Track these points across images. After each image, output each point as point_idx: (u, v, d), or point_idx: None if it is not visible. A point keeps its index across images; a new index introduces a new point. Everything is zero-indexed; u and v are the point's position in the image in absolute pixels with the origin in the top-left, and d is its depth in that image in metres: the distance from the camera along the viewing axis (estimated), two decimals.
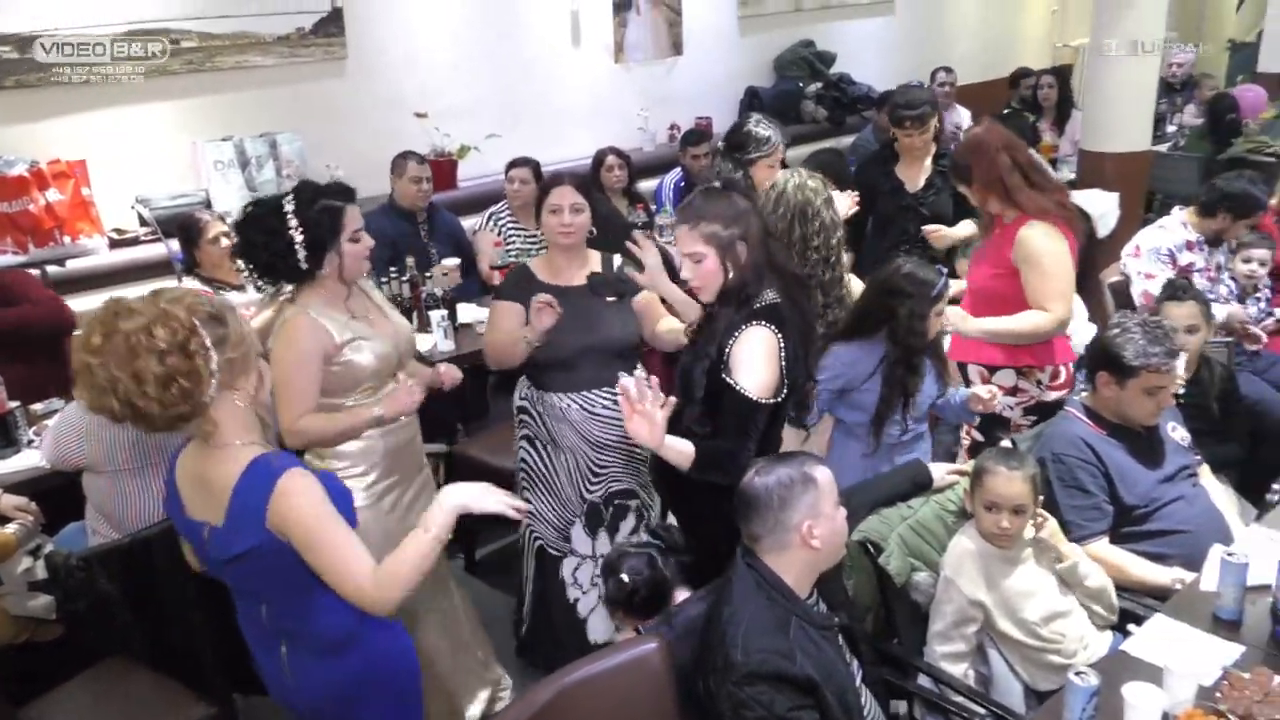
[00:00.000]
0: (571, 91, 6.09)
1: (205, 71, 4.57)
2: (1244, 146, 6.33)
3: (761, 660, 1.97)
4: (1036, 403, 3.29)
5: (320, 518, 1.80)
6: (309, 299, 2.56)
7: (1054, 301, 3.15)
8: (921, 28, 8.28)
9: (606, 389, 3.00)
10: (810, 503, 2.05)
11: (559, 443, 3.07)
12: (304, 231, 2.47)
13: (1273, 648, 2.16)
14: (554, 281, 3.03)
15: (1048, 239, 3.13)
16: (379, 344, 2.60)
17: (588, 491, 3.11)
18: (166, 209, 4.39)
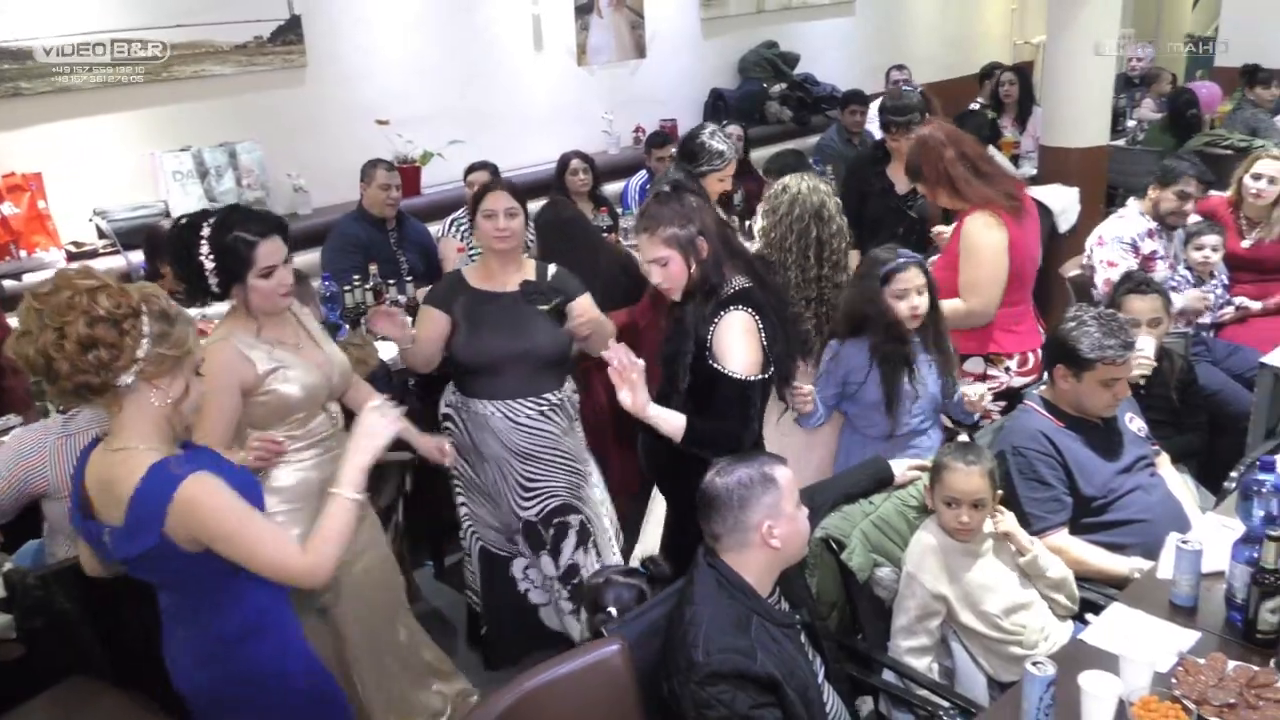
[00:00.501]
0: (535, 95, 6.09)
1: (162, 81, 4.53)
2: (1202, 140, 6.42)
3: (723, 660, 1.98)
4: (1006, 388, 3.33)
5: (232, 514, 1.83)
6: (234, 325, 2.49)
7: (972, 293, 3.22)
8: (882, 27, 8.33)
9: (532, 398, 3.01)
10: (770, 503, 2.06)
11: (482, 452, 3.06)
12: (214, 259, 2.41)
13: (1227, 633, 2.18)
14: (486, 287, 3.03)
15: (986, 230, 3.21)
16: (305, 374, 2.52)
17: (521, 509, 3.09)
18: (125, 221, 4.34)
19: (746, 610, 2.07)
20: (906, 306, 2.86)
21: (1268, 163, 4.27)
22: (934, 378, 2.96)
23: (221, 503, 1.83)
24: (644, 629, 2.15)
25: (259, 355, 2.46)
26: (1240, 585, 2.15)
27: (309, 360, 2.57)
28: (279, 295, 2.48)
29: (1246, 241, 4.33)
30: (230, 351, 2.44)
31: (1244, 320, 4.24)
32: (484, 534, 3.18)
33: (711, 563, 2.12)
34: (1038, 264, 3.48)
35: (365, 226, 4.53)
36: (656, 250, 2.50)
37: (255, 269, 2.43)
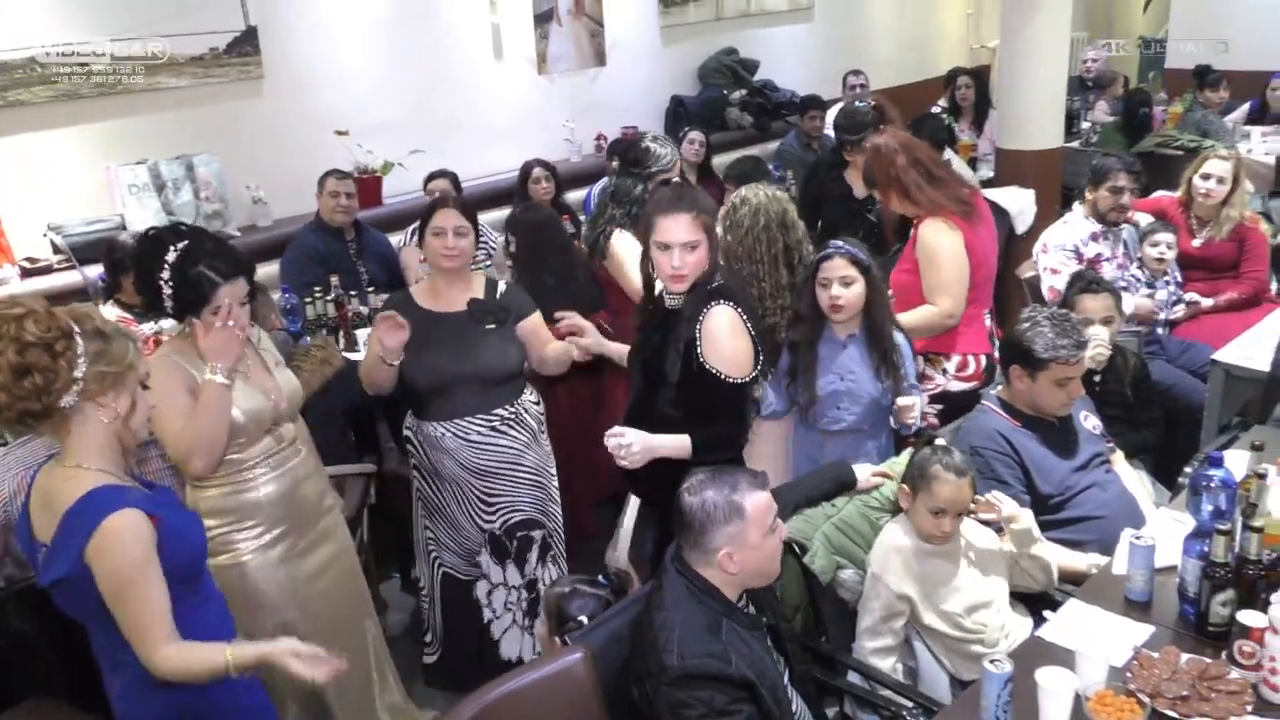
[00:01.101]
0: (495, 104, 6.08)
1: (117, 94, 4.48)
2: (1153, 141, 6.53)
3: (698, 664, 1.99)
4: (942, 391, 3.35)
5: (131, 571, 1.80)
6: (180, 345, 2.47)
7: (940, 295, 3.27)
8: (840, 33, 8.40)
9: (482, 416, 3.00)
10: (733, 532, 2.06)
11: (440, 473, 3.05)
12: (172, 286, 2.39)
13: (1181, 626, 2.23)
14: (434, 307, 3.00)
15: (940, 234, 3.26)
16: (249, 399, 2.49)
17: (483, 522, 3.08)
18: (80, 236, 4.28)
19: (717, 615, 2.08)
20: (827, 295, 2.89)
21: (1216, 163, 4.35)
22: (870, 377, 2.94)
23: (130, 552, 1.80)
24: (607, 637, 2.16)
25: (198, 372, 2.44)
26: (1192, 579, 2.19)
27: (254, 385, 2.54)
28: (229, 337, 2.44)
29: (1197, 240, 4.41)
30: (168, 361, 2.43)
31: (1196, 317, 4.31)
32: (446, 558, 3.15)
33: (681, 570, 2.13)
34: (993, 269, 3.51)
35: (323, 237, 4.51)
36: (694, 233, 2.49)
37: (210, 307, 2.42)
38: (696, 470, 2.16)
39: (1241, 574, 2.13)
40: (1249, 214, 4.46)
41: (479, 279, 3.09)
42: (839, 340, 2.96)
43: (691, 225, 2.48)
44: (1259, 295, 4.36)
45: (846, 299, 2.87)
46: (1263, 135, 6.59)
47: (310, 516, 2.67)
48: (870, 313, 2.93)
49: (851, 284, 2.87)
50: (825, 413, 2.96)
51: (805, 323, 2.96)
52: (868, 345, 2.95)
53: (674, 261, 2.50)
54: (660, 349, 2.58)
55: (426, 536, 3.18)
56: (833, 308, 2.88)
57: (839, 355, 2.95)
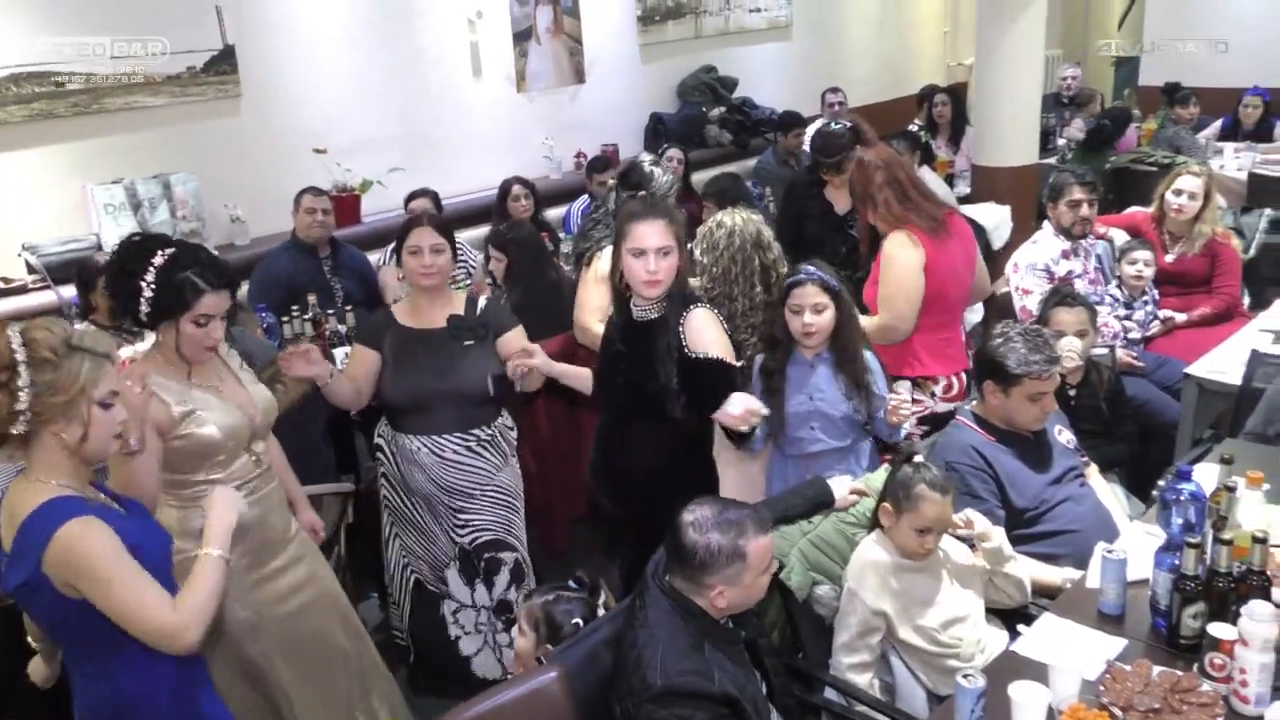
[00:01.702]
0: (475, 122, 6.10)
1: (92, 114, 4.47)
2: (1127, 158, 6.61)
3: (681, 682, 1.99)
4: (930, 413, 3.38)
5: (104, 562, 1.81)
6: (150, 364, 2.44)
7: (883, 307, 3.32)
8: (819, 51, 8.48)
9: (459, 434, 3.00)
10: (731, 574, 2.06)
11: (410, 485, 3.05)
12: (154, 290, 2.36)
13: (1153, 639, 2.23)
14: (414, 324, 3.02)
15: (899, 247, 3.30)
16: (224, 414, 2.47)
17: (456, 535, 3.08)
18: (56, 255, 4.26)
19: (699, 632, 2.08)
20: (799, 322, 2.91)
21: (1188, 179, 4.40)
22: (840, 396, 2.95)
23: (98, 548, 1.81)
24: (583, 655, 2.15)
25: (172, 395, 2.41)
26: (1163, 592, 2.20)
27: (229, 401, 2.51)
28: (204, 347, 2.44)
29: (1170, 256, 4.45)
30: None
31: (1170, 332, 4.35)
32: (416, 566, 3.15)
33: (663, 587, 2.13)
34: (966, 289, 3.51)
35: (295, 256, 4.49)
36: (668, 239, 2.57)
37: (191, 314, 2.39)
38: (701, 501, 2.14)
39: (1212, 587, 2.14)
40: (1221, 229, 4.51)
41: (459, 296, 3.11)
42: (807, 361, 2.99)
43: (665, 231, 2.56)
44: (1231, 310, 4.41)
45: (819, 326, 2.90)
46: (1235, 151, 6.68)
47: (277, 544, 2.64)
48: (840, 336, 2.95)
49: (823, 311, 2.90)
50: (797, 434, 2.97)
51: (778, 347, 2.99)
52: (836, 366, 2.97)
53: (649, 266, 2.56)
54: (644, 362, 2.59)
55: (398, 544, 3.18)
56: (805, 334, 2.91)
57: (809, 376, 2.97)
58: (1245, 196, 6.20)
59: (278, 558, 2.63)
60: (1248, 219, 5.48)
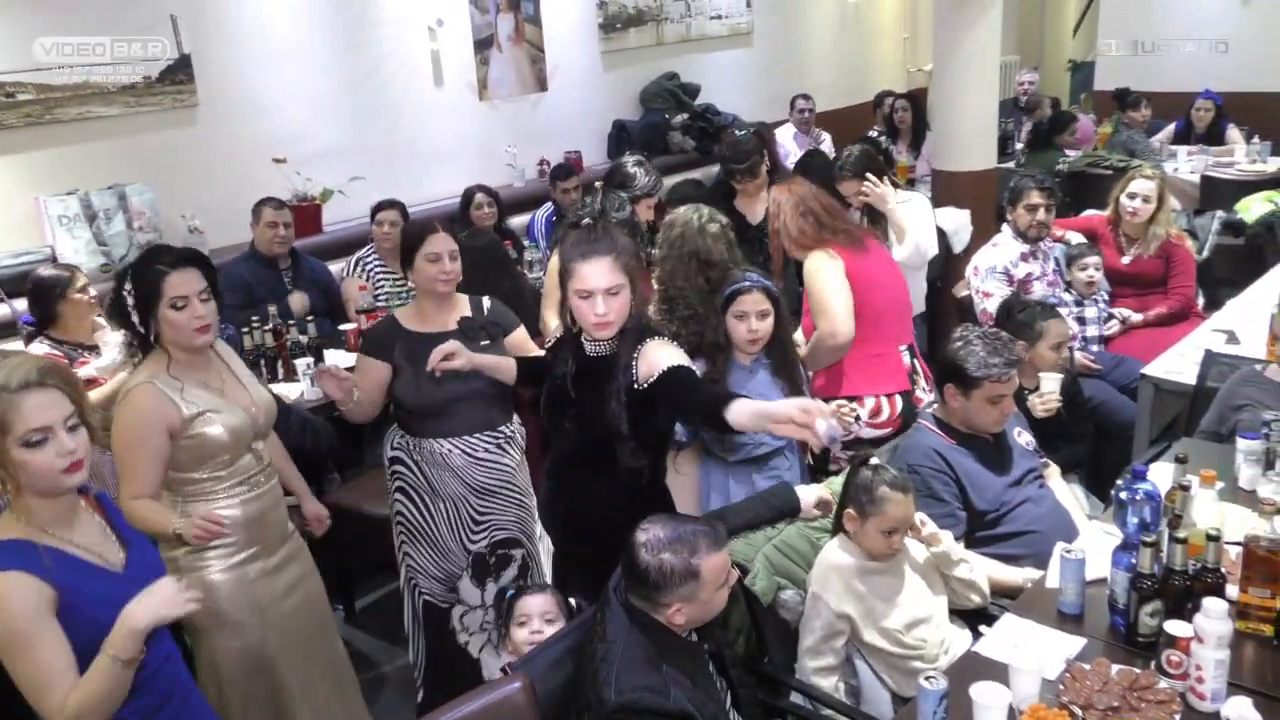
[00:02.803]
0: (437, 131, 6.07)
1: (45, 124, 4.40)
2: (1084, 161, 6.71)
3: (636, 698, 1.98)
4: (855, 438, 3.28)
5: (18, 631, 1.73)
6: (154, 368, 2.45)
7: (820, 316, 3.32)
8: (779, 57, 8.52)
9: (488, 432, 2.99)
10: (686, 593, 2.06)
11: (438, 491, 3.01)
12: (132, 293, 2.40)
13: (1111, 638, 2.26)
14: (423, 329, 2.97)
15: (817, 262, 3.35)
16: (230, 416, 2.49)
17: (470, 542, 3.05)
18: (8, 269, 4.19)
19: (658, 645, 2.07)
20: (745, 329, 2.93)
21: (1141, 182, 4.48)
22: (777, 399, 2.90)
23: (15, 611, 1.73)
24: (547, 664, 2.14)
25: (181, 397, 2.42)
26: (1121, 591, 2.23)
27: (234, 402, 2.53)
28: (192, 330, 2.44)
29: (1126, 258, 4.53)
30: (153, 394, 2.39)
31: (1127, 332, 4.42)
32: (425, 585, 3.10)
33: (622, 600, 2.12)
34: (896, 301, 3.49)
35: (253, 266, 4.46)
36: (616, 277, 2.37)
37: (165, 299, 2.40)
38: (653, 521, 2.12)
39: (1168, 585, 2.17)
40: (1175, 231, 4.60)
41: (463, 299, 3.08)
42: (745, 367, 3.02)
43: (612, 269, 2.37)
44: (1186, 310, 4.49)
45: (764, 331, 2.95)
46: (1188, 154, 6.81)
47: (277, 539, 2.67)
48: (778, 340, 3.00)
49: (766, 316, 2.94)
50: (742, 439, 2.97)
51: (718, 355, 2.99)
52: (775, 370, 3.01)
53: (597, 309, 2.38)
54: (597, 404, 2.47)
55: (407, 564, 3.13)
56: (750, 340, 2.94)
57: (748, 380, 3.00)
58: (1198, 199, 6.32)
59: (276, 554, 2.65)
60: (1200, 220, 5.58)
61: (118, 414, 2.41)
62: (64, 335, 3.66)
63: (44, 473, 1.79)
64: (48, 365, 1.85)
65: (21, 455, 1.77)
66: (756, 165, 4.20)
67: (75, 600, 1.80)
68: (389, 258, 4.71)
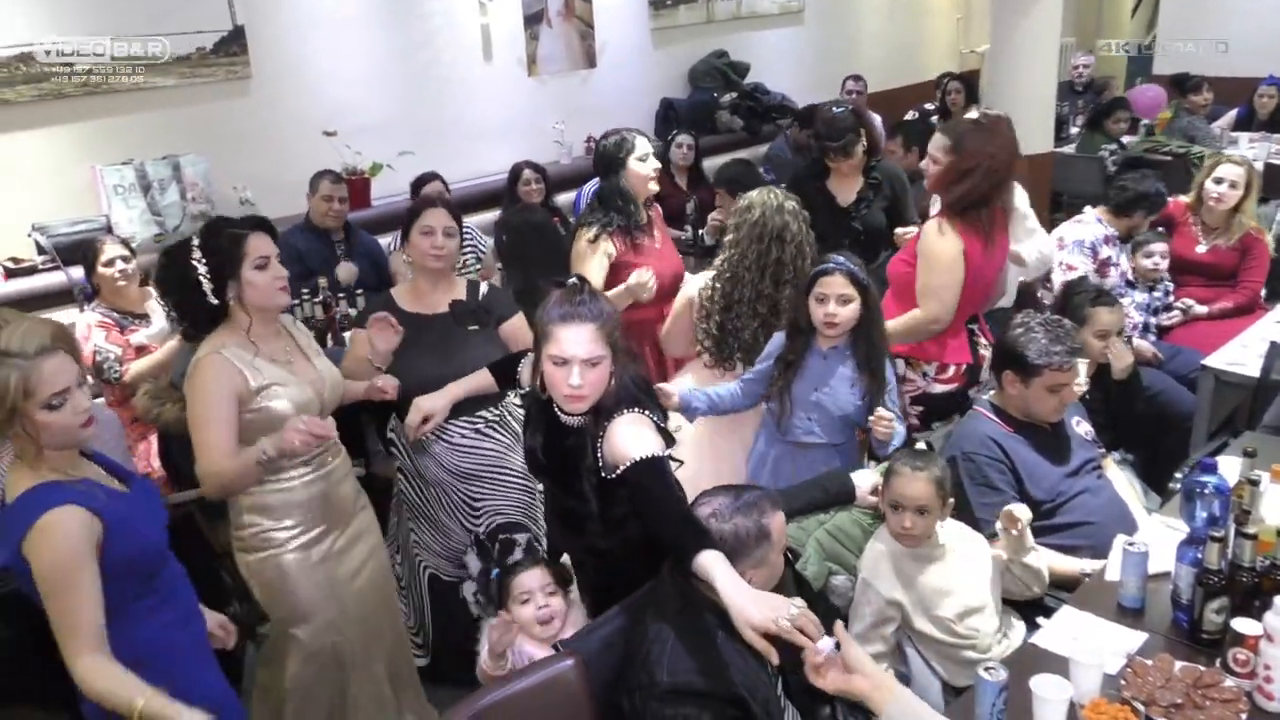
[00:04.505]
0: (485, 106, 6.06)
1: (102, 94, 4.44)
2: (1141, 146, 6.55)
3: (688, 680, 1.96)
4: (923, 393, 3.32)
5: (59, 571, 1.80)
6: (224, 337, 2.45)
7: (927, 299, 3.23)
8: (831, 36, 8.42)
9: (465, 419, 2.96)
10: (759, 556, 2.04)
11: (424, 476, 3.02)
12: (205, 262, 2.40)
13: (1174, 634, 2.22)
14: (416, 310, 2.97)
15: (941, 238, 3.21)
16: (297, 390, 2.49)
17: (471, 523, 3.05)
18: (65, 236, 4.25)
19: (712, 627, 2.05)
20: (822, 311, 2.84)
21: (1229, 167, 4.31)
22: (850, 396, 2.90)
23: (65, 549, 1.80)
24: (599, 644, 2.13)
25: (250, 370, 2.43)
26: (1185, 586, 2.18)
27: (301, 376, 2.54)
28: (276, 289, 2.47)
29: (1203, 246, 4.39)
30: (221, 364, 2.41)
31: (1187, 323, 4.31)
32: (431, 561, 3.13)
33: (678, 582, 2.10)
34: (989, 291, 3.43)
35: (308, 237, 4.48)
36: (596, 347, 2.10)
37: (249, 261, 2.43)
38: (709, 493, 2.10)
39: (1235, 581, 2.12)
40: (1255, 224, 4.45)
41: (461, 281, 3.07)
42: (820, 351, 2.93)
43: (594, 338, 2.10)
44: (1252, 305, 4.36)
45: (842, 317, 2.83)
46: (1250, 142, 6.62)
47: (346, 515, 2.67)
48: (864, 332, 2.88)
49: (849, 302, 2.83)
50: (794, 423, 2.94)
51: (798, 336, 2.94)
52: (856, 364, 2.91)
53: (571, 380, 2.10)
54: (564, 475, 2.27)
55: (412, 539, 3.15)
56: (827, 324, 2.85)
57: (820, 368, 2.93)
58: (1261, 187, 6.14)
59: (347, 530, 2.66)
60: (1263, 210, 5.43)
61: (189, 386, 2.43)
62: (110, 302, 3.71)
63: (64, 431, 1.86)
64: (56, 329, 1.89)
65: (44, 417, 1.83)
66: (852, 144, 4.03)
67: (116, 522, 1.87)
68: None
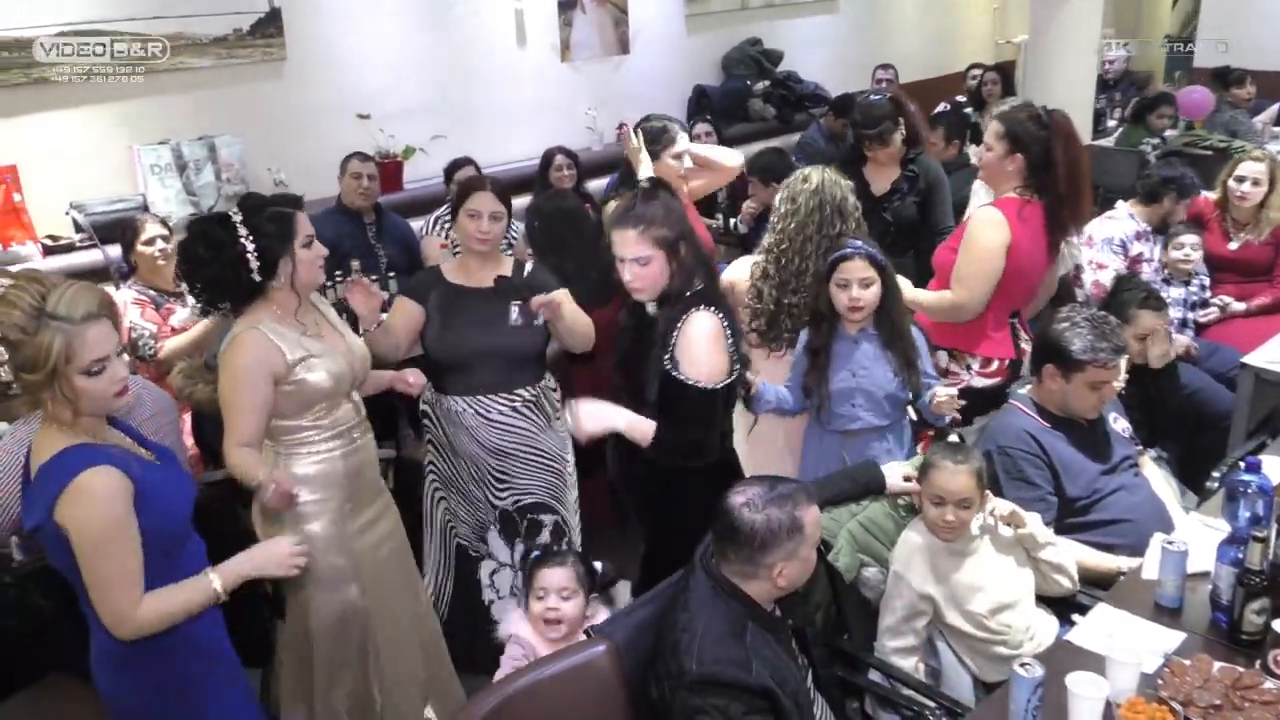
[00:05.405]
0: (518, 91, 6.05)
1: (140, 74, 4.46)
2: (1181, 140, 6.46)
3: (717, 670, 1.96)
4: (966, 387, 3.25)
5: (101, 528, 1.80)
6: (260, 314, 2.46)
7: (958, 284, 3.17)
8: (865, 25, 8.35)
9: (503, 394, 3.00)
10: (791, 549, 2.04)
11: (455, 448, 3.05)
12: (255, 240, 2.38)
13: (1212, 634, 2.19)
14: (462, 282, 3.03)
15: (987, 227, 3.14)
16: (332, 362, 2.51)
17: (496, 498, 3.08)
18: (102, 215, 4.28)
19: (742, 618, 2.05)
20: (846, 297, 2.83)
21: (1250, 164, 4.28)
22: (886, 374, 2.89)
23: (102, 510, 1.80)
24: (631, 630, 2.13)
25: (287, 343, 2.45)
26: (1225, 586, 2.16)
27: (334, 348, 2.56)
28: (318, 267, 2.51)
29: (1233, 244, 4.34)
30: (258, 339, 2.41)
31: (1224, 320, 4.26)
32: (461, 530, 3.17)
33: (708, 569, 2.10)
34: (1034, 289, 3.37)
35: (340, 221, 4.49)
36: (641, 248, 2.43)
37: (299, 239, 2.44)
38: (744, 483, 2.12)
39: (1277, 582, 2.09)
40: None
41: (508, 260, 3.11)
42: (850, 336, 2.91)
43: (638, 241, 2.43)
44: None
45: (866, 300, 2.82)
46: None
47: (372, 491, 2.71)
48: (886, 311, 2.87)
49: (870, 285, 2.82)
50: (839, 411, 2.92)
51: (823, 323, 2.92)
52: (883, 343, 2.90)
53: (625, 276, 2.48)
54: (638, 364, 2.53)
55: (443, 508, 3.18)
56: (852, 309, 2.84)
57: (852, 352, 2.91)
58: None
59: (372, 507, 2.70)
60: None
61: (224, 360, 2.44)
62: (148, 280, 3.74)
63: (101, 397, 1.87)
64: (103, 296, 1.89)
65: (83, 383, 1.83)
66: (888, 132, 3.99)
67: (146, 490, 1.88)
68: None
